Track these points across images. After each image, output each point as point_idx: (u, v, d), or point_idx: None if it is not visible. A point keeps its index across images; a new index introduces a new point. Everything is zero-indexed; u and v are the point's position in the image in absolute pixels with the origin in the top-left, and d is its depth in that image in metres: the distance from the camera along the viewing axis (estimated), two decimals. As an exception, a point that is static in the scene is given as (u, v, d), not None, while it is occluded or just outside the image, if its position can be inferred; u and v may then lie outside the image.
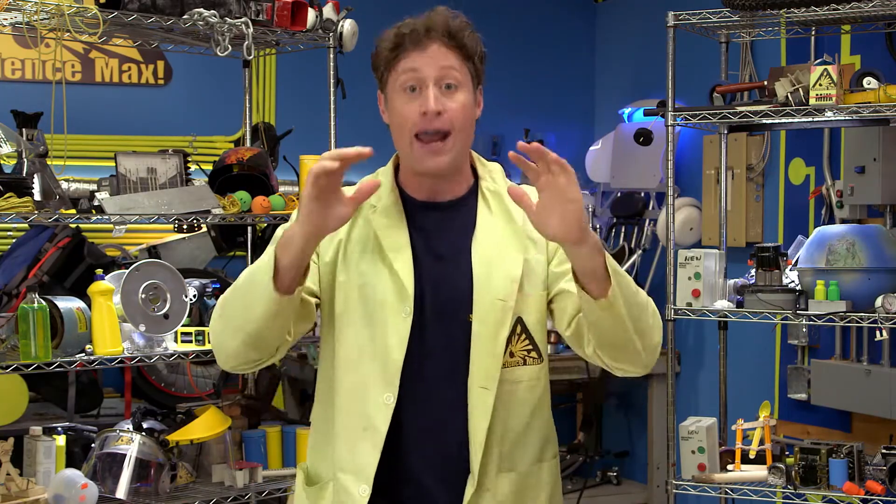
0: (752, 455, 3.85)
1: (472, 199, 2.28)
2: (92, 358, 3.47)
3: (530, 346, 2.24)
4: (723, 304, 3.98)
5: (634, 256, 5.59)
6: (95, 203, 3.61)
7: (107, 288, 3.50)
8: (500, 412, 2.20)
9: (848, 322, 3.73)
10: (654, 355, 2.22)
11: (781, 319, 3.87)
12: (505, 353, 2.20)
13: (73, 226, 4.17)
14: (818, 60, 3.77)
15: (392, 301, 2.20)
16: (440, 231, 2.26)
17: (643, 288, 5.57)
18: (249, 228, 4.39)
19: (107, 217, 3.63)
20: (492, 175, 2.31)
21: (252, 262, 4.67)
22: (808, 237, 4.02)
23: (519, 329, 2.22)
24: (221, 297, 2.23)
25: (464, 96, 2.19)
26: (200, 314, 3.92)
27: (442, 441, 2.21)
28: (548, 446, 2.31)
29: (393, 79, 2.20)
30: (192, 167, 4.03)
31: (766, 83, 4.01)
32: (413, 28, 2.18)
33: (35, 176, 3.49)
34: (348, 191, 2.18)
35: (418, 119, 2.16)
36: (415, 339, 2.20)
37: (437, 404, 2.21)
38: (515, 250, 2.23)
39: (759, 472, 3.82)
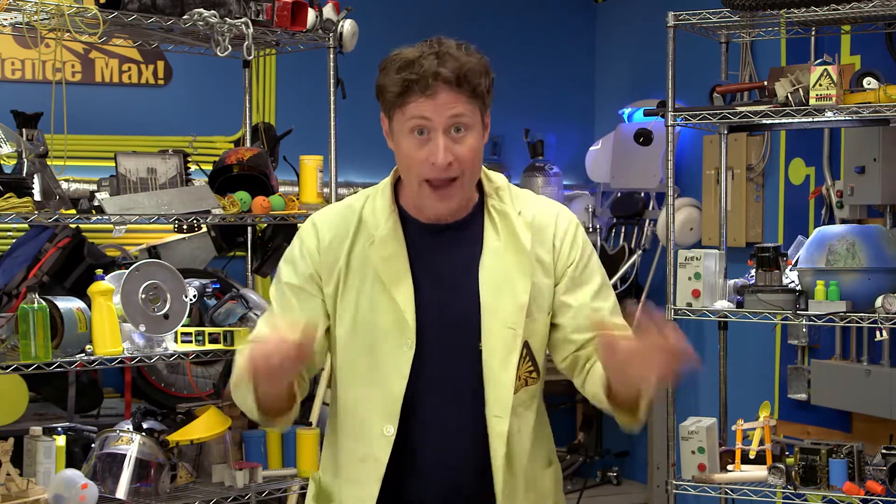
0: (752, 455, 3.85)
1: (479, 218, 2.25)
2: (92, 358, 3.47)
3: (532, 368, 2.24)
4: (723, 305, 3.98)
5: (634, 256, 5.59)
6: (95, 203, 3.61)
7: (107, 288, 3.49)
8: (513, 436, 2.20)
9: (848, 322, 3.73)
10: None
11: (781, 319, 3.87)
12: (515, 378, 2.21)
13: (73, 226, 4.17)
14: (818, 60, 3.77)
15: (393, 332, 2.18)
16: (444, 254, 2.24)
17: (643, 288, 5.59)
18: (249, 228, 4.39)
19: (107, 217, 3.63)
20: (498, 193, 2.27)
21: (252, 263, 4.67)
22: (808, 237, 4.02)
23: (524, 353, 2.22)
24: (232, 375, 2.23)
25: (472, 139, 2.15)
26: (200, 314, 3.92)
27: (454, 469, 2.20)
28: (550, 454, 2.34)
29: (399, 119, 2.15)
30: (192, 167, 4.03)
31: (766, 83, 4.01)
32: (421, 74, 2.10)
33: (35, 176, 3.48)
34: (338, 214, 2.25)
35: (428, 167, 2.14)
36: (419, 368, 2.18)
37: (444, 433, 2.20)
38: (523, 275, 2.20)
39: (759, 472, 3.82)
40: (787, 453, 3.81)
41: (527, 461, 2.24)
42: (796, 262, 4.03)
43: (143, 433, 3.64)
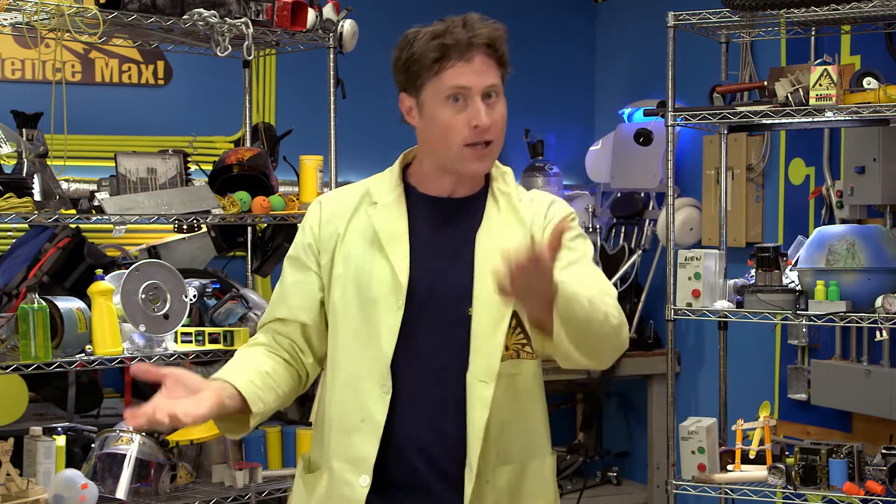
0: (752, 455, 3.85)
1: (483, 197, 2.31)
2: (92, 358, 3.47)
3: (524, 340, 2.25)
4: (723, 305, 3.98)
5: (634, 256, 5.59)
6: (95, 203, 3.61)
7: (107, 288, 3.49)
8: (497, 405, 2.21)
9: (848, 322, 3.73)
10: (612, 357, 2.22)
11: (781, 319, 3.87)
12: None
13: (73, 226, 4.17)
14: (818, 60, 3.77)
15: (385, 293, 2.22)
16: (445, 223, 2.29)
17: (643, 289, 5.59)
18: (249, 229, 4.39)
19: (107, 217, 3.63)
20: (504, 178, 2.34)
21: (252, 263, 4.67)
22: (808, 237, 4.02)
23: (514, 323, 2.23)
24: None
25: (502, 105, 2.26)
26: (200, 314, 3.92)
27: (440, 433, 2.22)
28: (545, 442, 2.33)
29: (434, 87, 2.21)
30: (192, 167, 4.03)
31: (766, 83, 4.01)
32: (457, 39, 2.19)
33: (35, 176, 3.49)
34: (344, 190, 2.28)
35: (469, 131, 2.20)
36: (411, 331, 2.22)
37: (434, 397, 2.23)
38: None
39: (759, 472, 3.82)
40: (787, 453, 3.81)
41: (512, 438, 2.24)
42: (796, 262, 4.03)
43: (143, 433, 3.64)
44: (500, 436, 2.23)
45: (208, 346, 3.75)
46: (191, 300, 3.70)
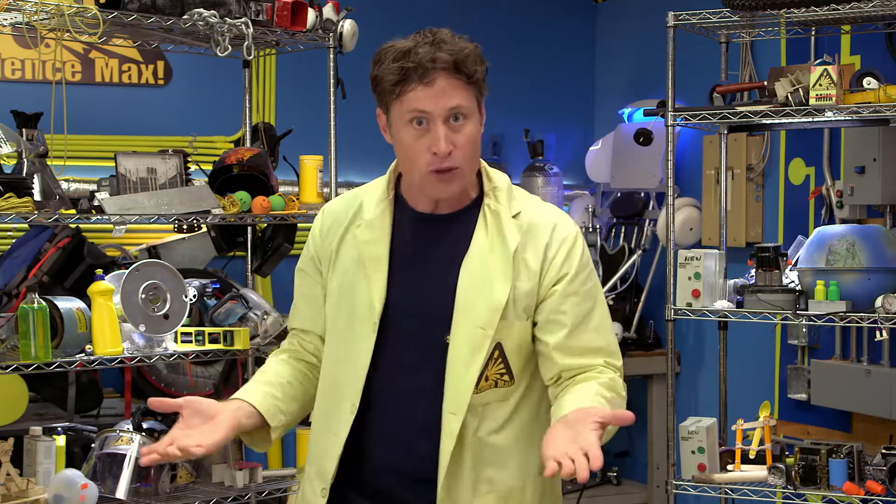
0: (752, 455, 3.85)
1: (473, 214, 2.25)
2: (92, 358, 3.47)
3: (504, 370, 2.21)
4: (723, 305, 3.98)
5: (634, 256, 5.59)
6: (95, 203, 3.61)
7: (107, 288, 3.49)
8: (469, 436, 2.18)
9: (848, 322, 3.73)
10: None
11: (781, 319, 3.87)
12: (480, 378, 2.18)
13: (73, 226, 4.17)
14: (818, 60, 3.77)
15: (364, 313, 2.22)
16: (431, 245, 2.25)
17: (643, 289, 5.59)
18: (249, 229, 4.38)
19: (107, 217, 3.63)
20: (495, 193, 2.26)
21: (252, 263, 4.68)
22: (808, 237, 4.02)
23: (496, 354, 2.20)
24: None
25: (471, 127, 2.17)
26: (200, 314, 3.92)
27: (412, 455, 2.21)
28: (529, 465, 2.25)
29: (397, 109, 2.16)
30: (192, 167, 4.02)
31: (766, 83, 4.01)
32: (418, 62, 2.11)
33: (35, 176, 3.48)
34: (343, 201, 2.30)
35: (429, 157, 2.15)
36: (389, 352, 2.21)
37: (407, 418, 2.21)
38: (504, 278, 2.19)
39: (759, 472, 3.82)
40: (787, 453, 3.81)
41: (492, 466, 2.20)
42: (796, 262, 4.03)
43: (143, 433, 3.64)
44: (475, 466, 2.19)
45: (208, 346, 3.75)
46: (191, 300, 3.69)
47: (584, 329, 2.22)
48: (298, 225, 4.27)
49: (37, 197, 3.47)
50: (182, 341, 3.72)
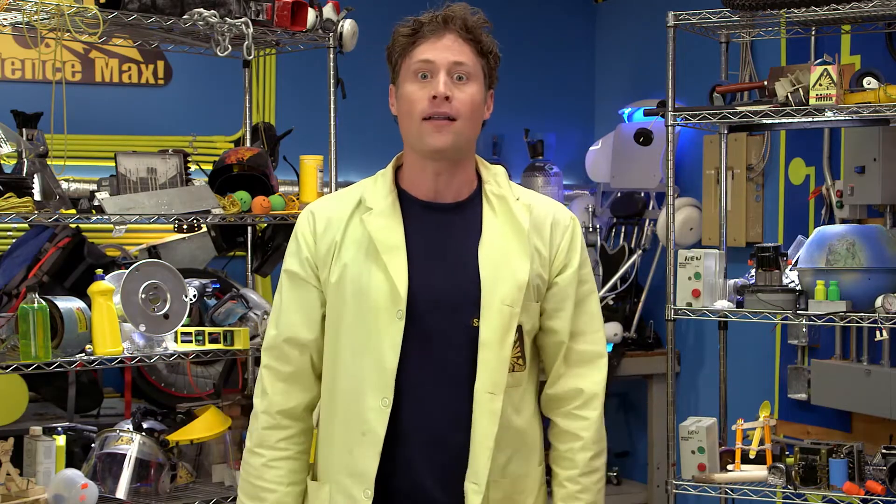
0: (752, 455, 3.85)
1: (477, 202, 2.28)
2: (92, 358, 3.46)
3: (520, 354, 2.24)
4: (723, 304, 3.98)
5: (634, 256, 5.59)
6: (95, 203, 3.61)
7: (107, 288, 3.49)
8: (503, 418, 2.20)
9: (848, 322, 3.73)
10: None
11: (781, 319, 3.87)
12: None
13: (73, 226, 4.17)
14: (818, 60, 3.77)
15: (385, 303, 2.19)
16: (443, 232, 2.26)
17: (643, 289, 5.59)
18: (249, 228, 4.39)
19: (107, 217, 3.63)
20: (496, 178, 2.30)
21: (252, 263, 4.66)
22: (808, 237, 4.02)
23: (516, 336, 2.22)
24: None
25: (473, 89, 2.21)
26: (200, 314, 3.92)
27: (444, 445, 2.21)
28: (534, 454, 2.31)
29: (406, 66, 2.22)
30: (192, 167, 4.02)
31: (766, 83, 4.01)
32: (431, 18, 2.21)
33: (35, 176, 3.48)
34: (337, 197, 2.29)
35: (427, 104, 2.18)
36: (414, 341, 2.19)
37: (438, 408, 2.21)
38: (522, 256, 2.22)
39: (759, 472, 3.82)
40: (787, 453, 3.81)
41: (511, 451, 2.24)
42: (796, 262, 4.03)
43: (143, 433, 3.64)
44: (499, 448, 2.21)
45: (208, 346, 3.74)
46: (191, 300, 3.69)
47: (582, 312, 2.32)
48: (299, 225, 4.26)
49: (37, 197, 3.47)
50: (182, 341, 3.72)
